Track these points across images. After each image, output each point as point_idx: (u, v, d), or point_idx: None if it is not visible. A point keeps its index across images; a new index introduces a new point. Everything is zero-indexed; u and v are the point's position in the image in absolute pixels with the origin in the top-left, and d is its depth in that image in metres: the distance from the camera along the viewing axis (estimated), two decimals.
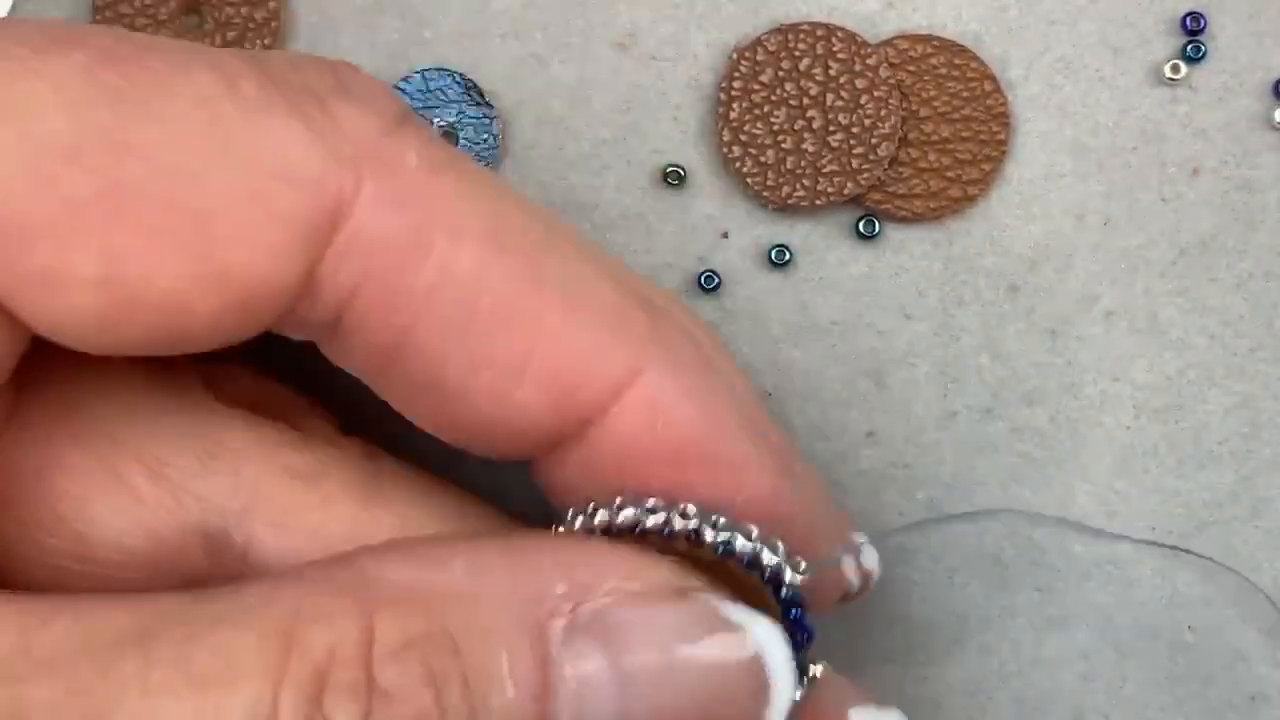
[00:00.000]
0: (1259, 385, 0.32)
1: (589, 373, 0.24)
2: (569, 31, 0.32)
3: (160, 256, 0.21)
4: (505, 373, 0.23)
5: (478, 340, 0.23)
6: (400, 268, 0.22)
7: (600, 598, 0.22)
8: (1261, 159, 0.32)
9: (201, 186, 0.21)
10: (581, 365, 0.23)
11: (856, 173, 0.32)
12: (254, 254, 0.21)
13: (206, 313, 0.22)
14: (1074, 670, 0.32)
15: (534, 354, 0.23)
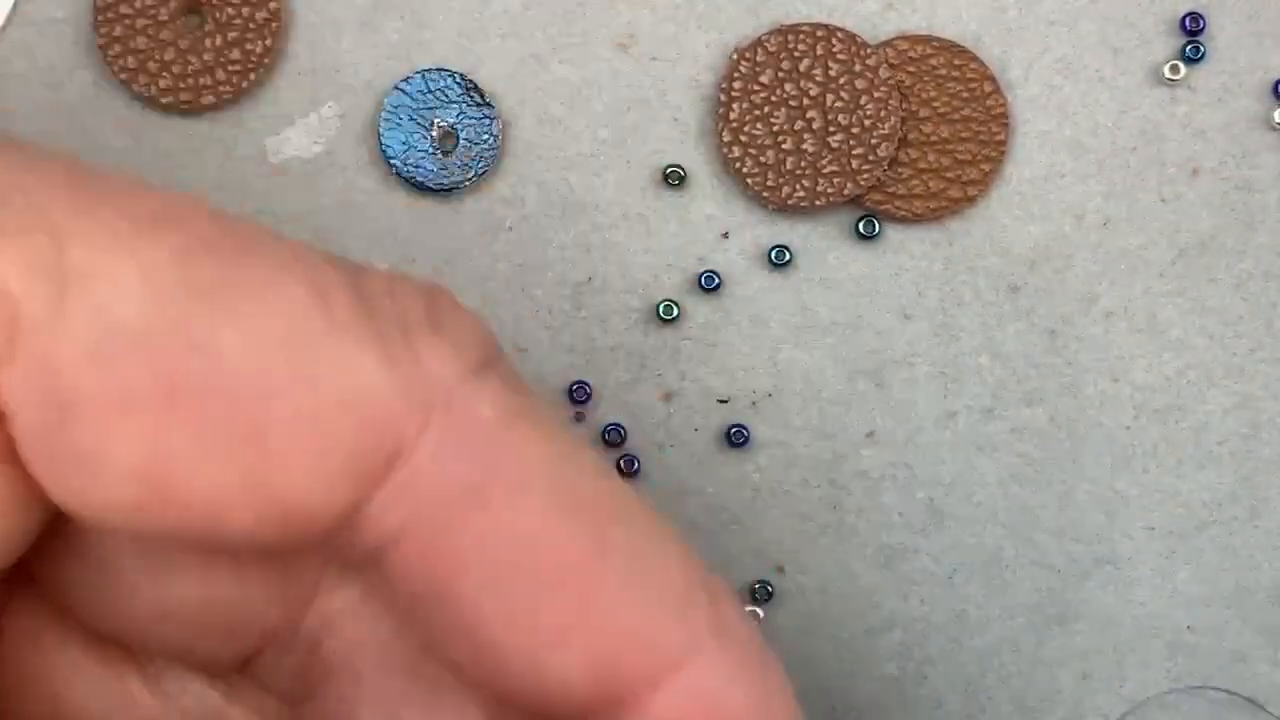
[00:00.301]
0: (1259, 385, 0.32)
1: (639, 650, 0.22)
2: (569, 31, 0.32)
3: (206, 460, 0.20)
4: (548, 637, 0.22)
5: (525, 600, 0.22)
6: (452, 520, 0.22)
7: None
8: (1261, 159, 0.32)
9: (264, 400, 0.21)
10: (633, 642, 0.22)
11: (856, 173, 0.32)
12: (302, 478, 0.21)
13: (242, 524, 0.21)
14: (1075, 671, 0.32)
15: (583, 623, 0.22)
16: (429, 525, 0.21)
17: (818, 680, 0.32)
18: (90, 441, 0.20)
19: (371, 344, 0.21)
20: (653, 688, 0.22)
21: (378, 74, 0.32)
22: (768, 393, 0.32)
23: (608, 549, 0.22)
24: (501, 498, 0.22)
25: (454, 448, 0.21)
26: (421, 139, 0.32)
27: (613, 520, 0.22)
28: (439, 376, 0.21)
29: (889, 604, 0.32)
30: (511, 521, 0.22)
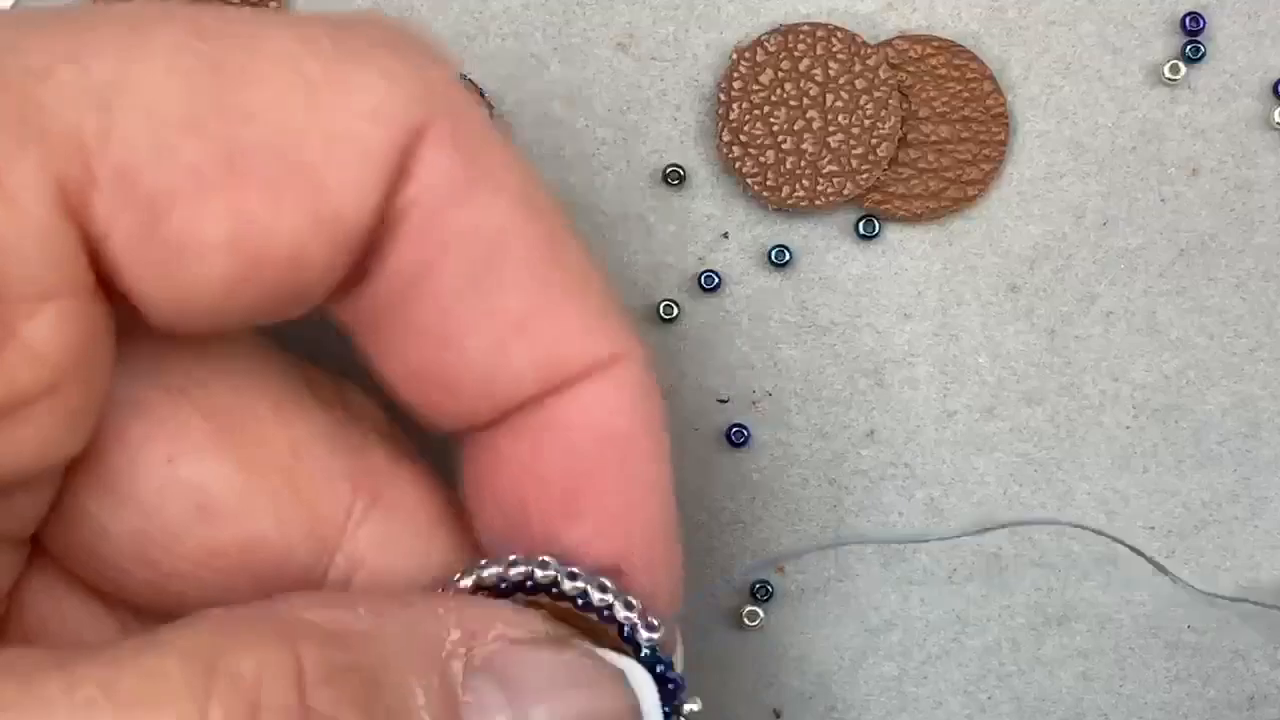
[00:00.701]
0: (1258, 385, 0.32)
1: (582, 343, 0.25)
2: (569, 31, 0.32)
3: (281, 211, 0.22)
4: (509, 326, 0.24)
5: (492, 289, 0.24)
6: (444, 205, 0.23)
7: (490, 643, 0.23)
8: (1260, 159, 0.32)
9: (303, 139, 0.22)
10: (578, 335, 0.24)
11: (856, 173, 0.32)
12: (353, 195, 0.22)
13: (321, 260, 0.23)
14: (1074, 670, 0.32)
15: (540, 313, 0.24)
16: (425, 214, 0.23)
17: (818, 680, 0.32)
18: (181, 230, 0.22)
19: (366, 63, 0.23)
20: (584, 379, 0.25)
21: None
22: (768, 392, 0.32)
23: (560, 253, 0.24)
24: (484, 193, 0.23)
25: (453, 143, 0.23)
26: None
27: (563, 229, 0.25)
28: (433, 81, 0.23)
29: (889, 604, 0.32)
30: (489, 216, 0.24)
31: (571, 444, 0.25)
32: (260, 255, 0.22)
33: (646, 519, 0.25)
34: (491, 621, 0.23)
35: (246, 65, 0.22)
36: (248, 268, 0.22)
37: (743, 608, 0.32)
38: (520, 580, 0.25)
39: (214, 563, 0.25)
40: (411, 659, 0.22)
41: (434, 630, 0.23)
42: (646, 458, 0.25)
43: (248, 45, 0.23)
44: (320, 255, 0.23)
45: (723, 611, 0.32)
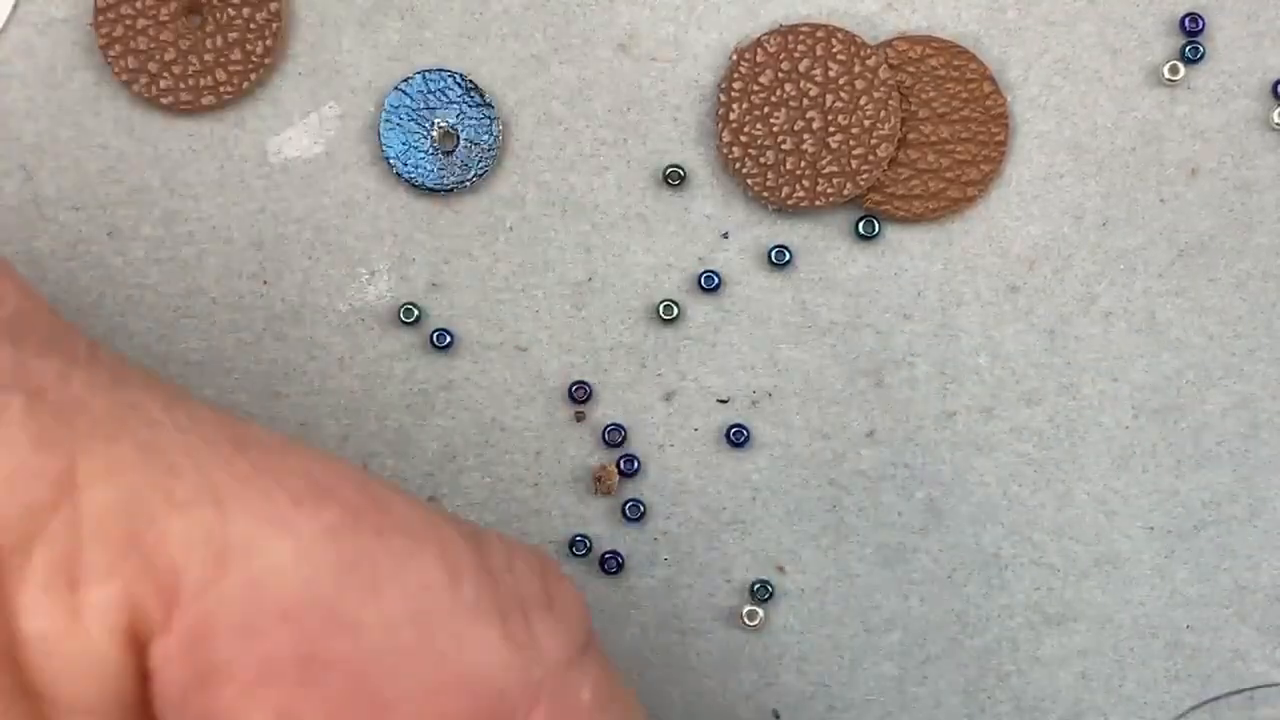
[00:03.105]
0: (1258, 385, 0.32)
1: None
2: (569, 31, 0.32)
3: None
4: None
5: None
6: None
7: None
8: (1260, 160, 0.32)
9: (394, 675, 0.22)
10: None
11: (856, 173, 0.32)
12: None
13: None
14: (1074, 670, 0.32)
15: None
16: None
17: (818, 680, 0.32)
18: (226, 707, 0.21)
19: (495, 622, 0.22)
20: None
21: (378, 74, 0.32)
22: (768, 393, 0.32)
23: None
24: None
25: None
26: (421, 139, 0.32)
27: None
28: (551, 659, 0.23)
29: (889, 604, 0.32)
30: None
31: None
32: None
33: None
34: None
35: (380, 578, 0.22)
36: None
37: (742, 608, 0.32)
38: None
39: None
40: None
41: None
42: None
43: (396, 556, 0.22)
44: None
45: (723, 611, 0.32)
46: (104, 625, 0.21)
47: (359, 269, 0.32)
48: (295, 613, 0.21)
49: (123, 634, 0.21)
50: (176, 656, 0.21)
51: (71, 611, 0.21)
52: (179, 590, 0.21)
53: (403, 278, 0.32)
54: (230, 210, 0.32)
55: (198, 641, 0.21)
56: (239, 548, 0.21)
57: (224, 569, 0.21)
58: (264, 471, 0.22)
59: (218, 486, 0.21)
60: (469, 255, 0.32)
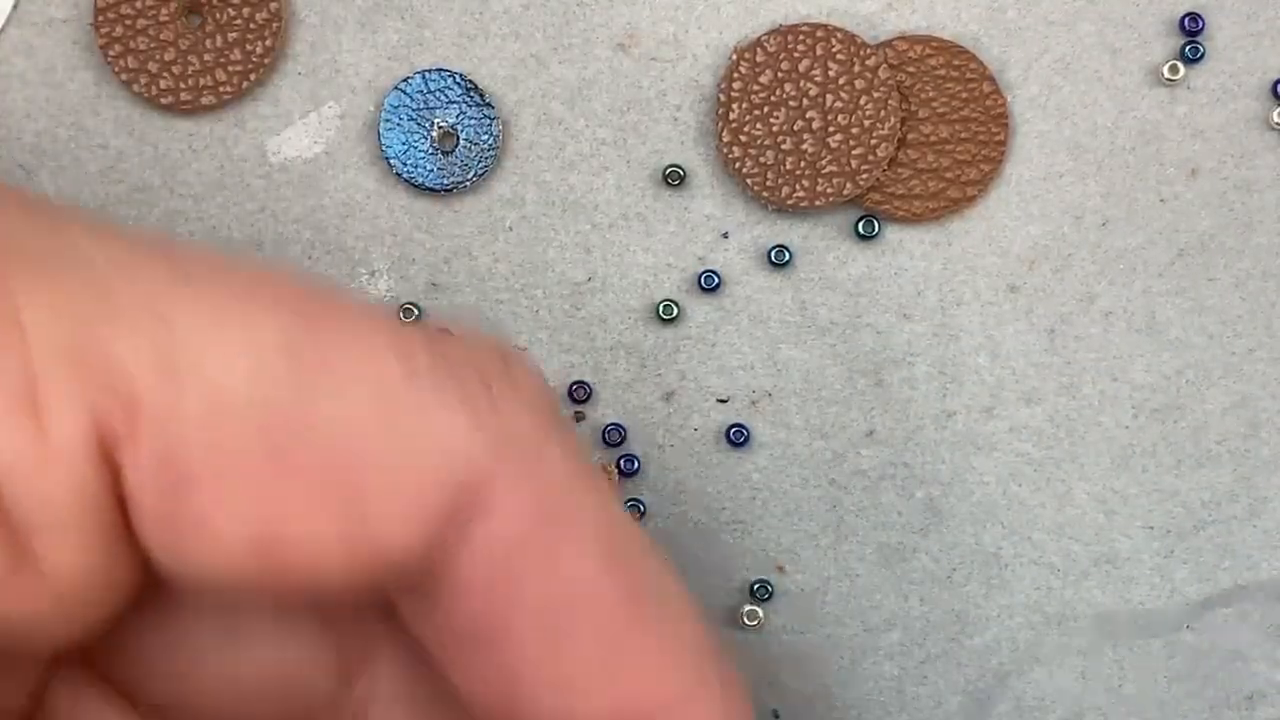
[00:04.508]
0: (1258, 385, 0.32)
1: (659, 694, 0.24)
2: (569, 31, 0.32)
3: (313, 521, 0.22)
4: (585, 679, 0.23)
5: (568, 644, 0.23)
6: (518, 566, 0.23)
7: None
8: (1259, 159, 0.32)
9: (363, 459, 0.22)
10: (655, 687, 0.24)
11: (856, 173, 0.32)
12: (395, 529, 0.22)
13: (340, 576, 0.22)
14: (1074, 670, 0.32)
15: (615, 668, 0.24)
16: (496, 570, 0.23)
17: (818, 680, 0.32)
18: (206, 509, 0.21)
19: (456, 399, 0.22)
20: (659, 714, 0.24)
21: (378, 74, 0.32)
22: (767, 392, 0.32)
23: (640, 599, 0.24)
24: (563, 549, 0.23)
25: (528, 500, 0.23)
26: (421, 139, 0.32)
27: (644, 573, 0.24)
28: (517, 431, 0.23)
29: (889, 604, 0.32)
30: (568, 571, 0.23)
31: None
32: (278, 560, 0.22)
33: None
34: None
35: (333, 359, 0.22)
36: (261, 567, 0.22)
37: (742, 607, 0.32)
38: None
39: (235, 686, 0.25)
40: None
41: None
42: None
43: (344, 339, 0.22)
44: (340, 573, 0.22)
45: (723, 611, 0.32)
46: (72, 442, 0.21)
47: (359, 269, 0.32)
48: (255, 408, 0.21)
49: (92, 449, 0.21)
50: (146, 466, 0.21)
51: (38, 432, 0.21)
52: (138, 401, 0.21)
53: (403, 278, 0.32)
54: (230, 210, 0.32)
55: (166, 449, 0.21)
56: (189, 352, 0.21)
57: (178, 376, 0.21)
58: (204, 280, 0.22)
59: (162, 305, 0.22)
60: (469, 255, 0.32)
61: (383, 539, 0.22)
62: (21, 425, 0.21)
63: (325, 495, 0.22)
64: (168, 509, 0.21)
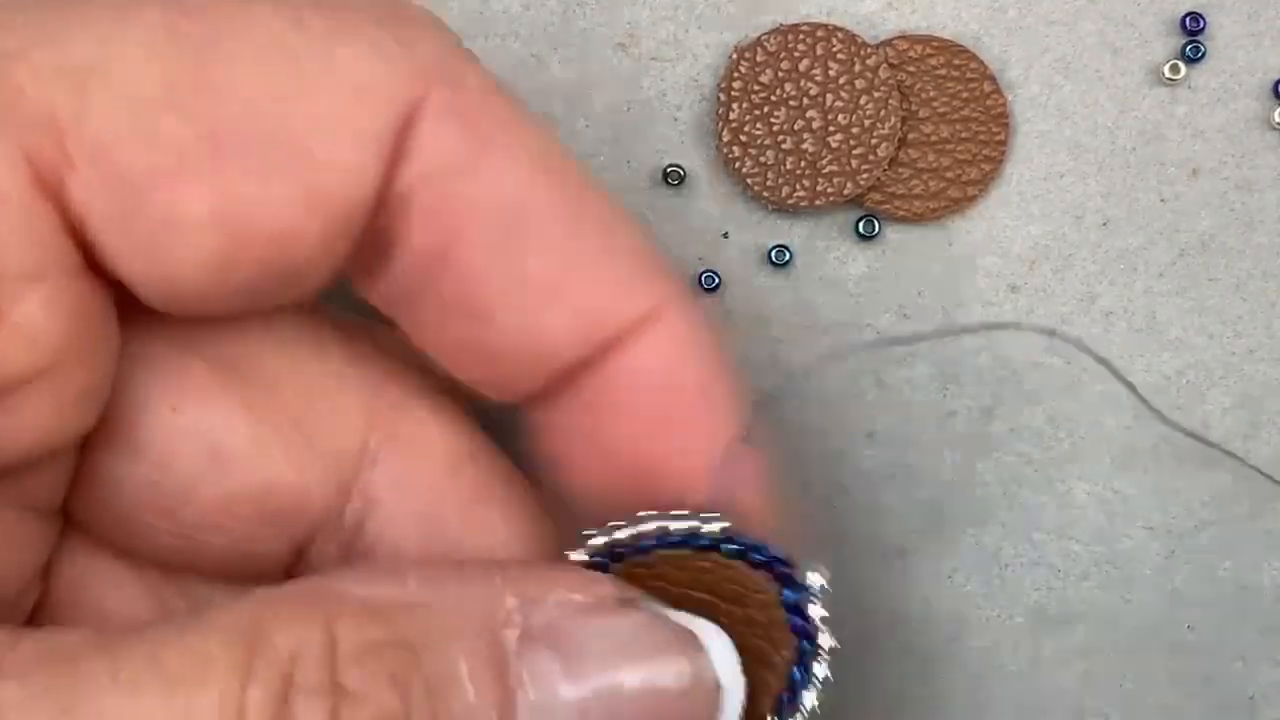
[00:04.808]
0: (1258, 385, 0.32)
1: (619, 301, 0.24)
2: (569, 31, 0.32)
3: (266, 187, 0.22)
4: (541, 291, 0.24)
5: (517, 257, 0.24)
6: (455, 178, 0.23)
7: (549, 609, 0.23)
8: (1260, 159, 0.32)
9: (289, 116, 0.22)
10: (613, 293, 0.24)
11: (856, 173, 0.32)
12: (346, 172, 0.22)
13: (313, 237, 0.22)
14: (1074, 670, 0.32)
15: (570, 276, 0.24)
16: (436, 185, 0.23)
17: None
18: (162, 207, 0.22)
19: (355, 39, 0.23)
20: (630, 336, 0.24)
21: None
22: (768, 392, 0.32)
23: (584, 211, 0.24)
24: (495, 162, 0.23)
25: (452, 111, 0.23)
26: None
27: (585, 188, 0.24)
28: (427, 54, 0.23)
29: (889, 604, 0.32)
30: (503, 184, 0.23)
31: (638, 407, 0.24)
32: (247, 233, 0.22)
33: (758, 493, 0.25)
34: (552, 587, 0.23)
35: (230, 44, 0.22)
36: (235, 246, 0.22)
37: None
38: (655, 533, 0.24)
39: (231, 510, 0.25)
40: (459, 630, 0.22)
41: (487, 599, 0.22)
42: (714, 400, 0.25)
43: (231, 24, 0.22)
44: (312, 233, 0.22)
45: None
46: (10, 176, 0.21)
47: None
48: (170, 97, 0.22)
49: (31, 182, 0.21)
50: (92, 181, 0.21)
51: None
52: (59, 123, 0.21)
53: None
54: None
55: (102, 161, 0.21)
56: (89, 65, 0.21)
57: (86, 88, 0.21)
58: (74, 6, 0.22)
59: (43, 30, 0.22)
60: None
61: (337, 187, 0.22)
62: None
63: (268, 157, 0.22)
64: (125, 219, 0.22)
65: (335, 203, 0.22)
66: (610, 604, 0.23)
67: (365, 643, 0.21)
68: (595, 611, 0.23)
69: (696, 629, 0.23)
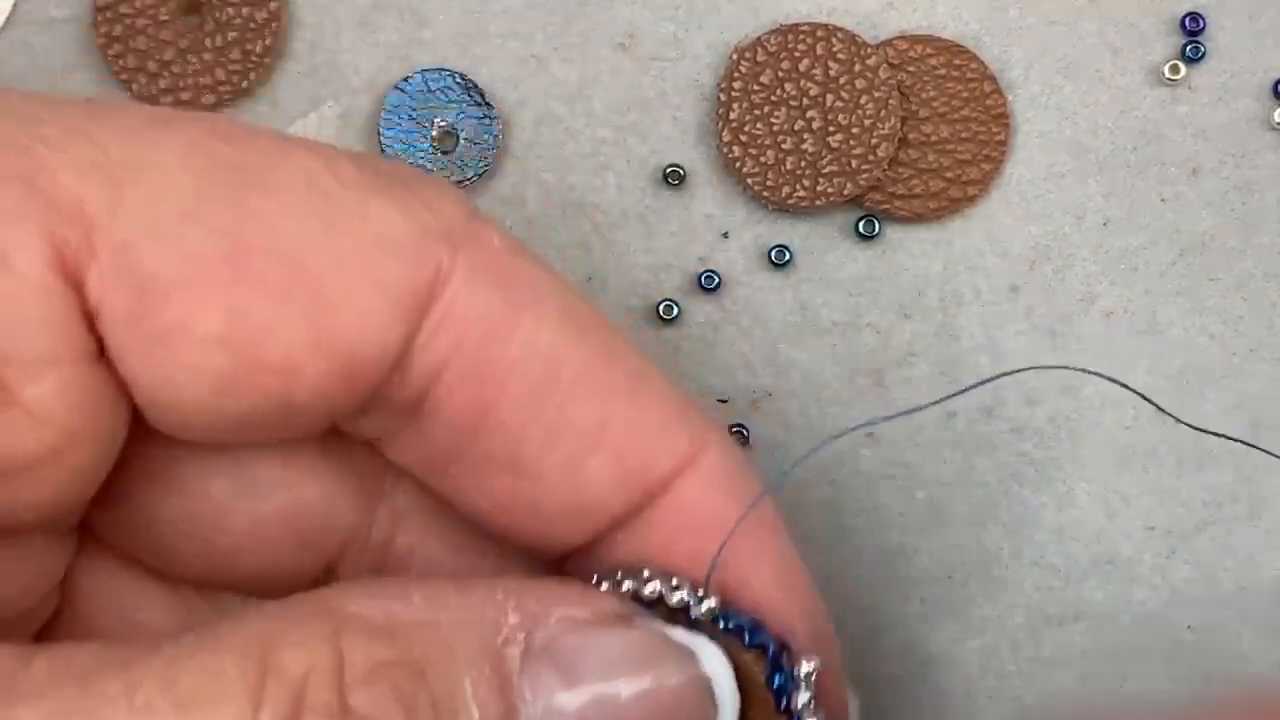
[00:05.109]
0: (1259, 385, 0.32)
1: (661, 445, 0.24)
2: (569, 31, 0.32)
3: (278, 316, 0.22)
4: (584, 442, 0.24)
5: (558, 411, 0.24)
6: (490, 340, 0.23)
7: (551, 625, 0.23)
8: (1261, 159, 0.32)
9: (313, 253, 0.22)
10: (652, 439, 0.24)
11: (856, 173, 0.32)
12: (361, 320, 0.22)
13: (314, 377, 0.22)
14: (1074, 670, 0.32)
15: (611, 424, 0.24)
16: (470, 349, 0.23)
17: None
18: (174, 316, 0.22)
19: (386, 195, 0.23)
20: (672, 480, 0.24)
21: (378, 74, 0.32)
22: (768, 392, 0.32)
23: (616, 360, 0.24)
24: (528, 320, 0.23)
25: (482, 274, 0.23)
26: (421, 139, 0.32)
27: (613, 336, 0.25)
28: (450, 217, 0.23)
29: (889, 604, 0.32)
30: (539, 341, 0.23)
31: (682, 547, 0.25)
32: (252, 358, 0.22)
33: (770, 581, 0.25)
34: (554, 603, 0.23)
35: (265, 174, 0.22)
36: (237, 369, 0.22)
37: None
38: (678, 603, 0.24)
39: (261, 532, 0.25)
40: (462, 648, 0.22)
41: (490, 615, 0.23)
42: (763, 533, 0.25)
43: (268, 157, 0.23)
44: (314, 373, 0.22)
45: None
46: (33, 260, 0.21)
47: None
48: (202, 212, 0.22)
49: (54, 267, 0.21)
50: (111, 277, 0.21)
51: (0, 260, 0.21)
52: (89, 216, 0.21)
53: None
54: None
55: (124, 260, 0.21)
56: (126, 165, 0.22)
57: (120, 187, 0.22)
58: (119, 111, 0.23)
59: (91, 131, 0.22)
60: None
61: (351, 332, 0.22)
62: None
63: (284, 291, 0.22)
64: (137, 321, 0.22)
65: (344, 347, 0.22)
66: (610, 618, 0.23)
67: (373, 663, 0.21)
68: (596, 627, 0.23)
69: (695, 646, 0.24)
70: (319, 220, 0.22)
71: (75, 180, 0.21)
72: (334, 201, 0.22)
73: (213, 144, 0.22)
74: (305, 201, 0.22)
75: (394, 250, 0.23)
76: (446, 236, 0.23)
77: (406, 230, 0.23)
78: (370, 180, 0.23)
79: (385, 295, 0.22)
